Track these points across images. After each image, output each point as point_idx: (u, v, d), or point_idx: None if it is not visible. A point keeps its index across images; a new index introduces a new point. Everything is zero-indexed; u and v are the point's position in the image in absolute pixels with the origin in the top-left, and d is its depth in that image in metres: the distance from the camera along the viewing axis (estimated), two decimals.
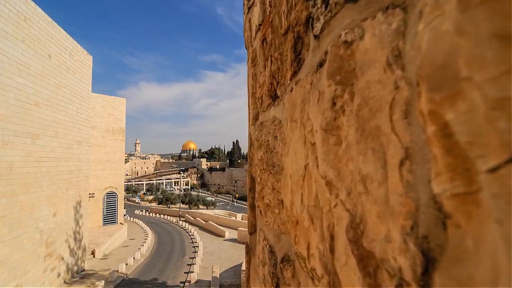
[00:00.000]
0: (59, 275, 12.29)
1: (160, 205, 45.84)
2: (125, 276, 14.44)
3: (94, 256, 16.85)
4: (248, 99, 1.12)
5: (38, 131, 10.93)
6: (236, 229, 23.58)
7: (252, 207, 1.03)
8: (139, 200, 54.50)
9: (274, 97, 0.70)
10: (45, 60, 11.47)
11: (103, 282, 12.38)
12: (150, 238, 22.48)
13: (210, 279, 13.31)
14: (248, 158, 1.07)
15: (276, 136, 0.65)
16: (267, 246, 0.71)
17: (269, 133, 0.69)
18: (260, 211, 0.88)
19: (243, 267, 13.28)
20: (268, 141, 0.69)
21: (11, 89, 9.56)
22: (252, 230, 1.03)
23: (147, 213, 38.61)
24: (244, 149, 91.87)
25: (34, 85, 10.73)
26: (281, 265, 0.57)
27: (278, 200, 0.64)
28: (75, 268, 13.84)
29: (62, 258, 12.62)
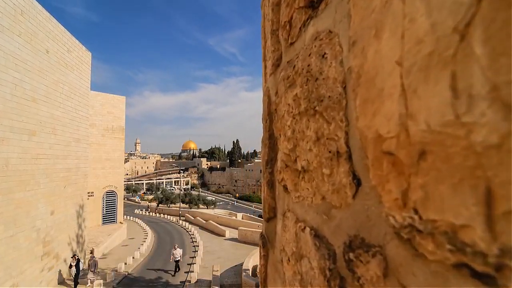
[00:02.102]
0: (57, 274, 12.07)
1: (160, 205, 45.63)
2: (126, 273, 14.20)
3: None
4: (264, 48, 0.88)
5: (35, 128, 10.70)
6: (236, 229, 23.34)
7: (270, 185, 0.79)
8: (139, 199, 54.27)
9: (316, 2, 0.46)
10: (43, 56, 11.24)
11: (101, 281, 12.15)
12: (150, 237, 22.26)
13: (211, 278, 13.08)
14: (264, 120, 0.83)
15: (325, 53, 0.41)
16: (306, 229, 0.47)
17: (309, 55, 0.46)
18: (286, 186, 0.64)
19: (244, 266, 13.04)
20: (309, 66, 0.45)
21: (7, 84, 9.33)
22: (271, 214, 0.79)
23: (147, 213, 38.40)
24: (244, 149, 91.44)
25: (31, 81, 10.50)
26: (349, 255, 0.33)
27: (329, 153, 0.41)
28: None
29: (60, 258, 12.39)
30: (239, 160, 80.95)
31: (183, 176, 76.11)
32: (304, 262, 0.46)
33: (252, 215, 35.31)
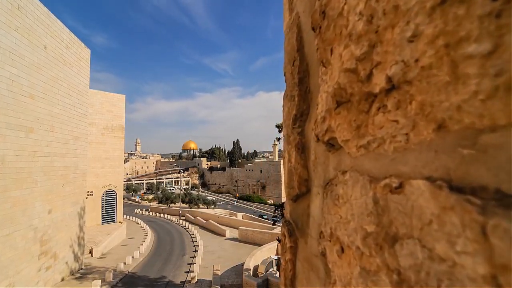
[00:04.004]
0: (54, 274, 11.85)
1: (160, 204, 45.42)
2: (127, 272, 13.99)
3: (92, 255, 16.43)
4: None
5: (33, 125, 10.50)
6: (237, 228, 23.14)
7: (301, 149, 0.57)
8: (139, 199, 54.07)
9: None
10: (40, 51, 11.03)
11: (100, 281, 11.93)
12: (150, 237, 22.06)
13: (211, 278, 12.86)
14: (289, 63, 0.62)
15: None
16: (413, 184, 0.25)
17: None
18: (333, 139, 0.43)
19: (245, 266, 12.82)
20: None
21: (4, 79, 9.13)
22: (302, 190, 0.57)
23: (148, 212, 38.20)
24: (245, 149, 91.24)
25: (29, 77, 10.30)
26: None
27: None
28: (72, 267, 13.40)
29: (58, 257, 12.18)
30: (239, 160, 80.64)
31: (183, 176, 75.92)
32: (408, 248, 0.24)
33: (252, 215, 35.13)
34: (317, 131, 0.47)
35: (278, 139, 7.90)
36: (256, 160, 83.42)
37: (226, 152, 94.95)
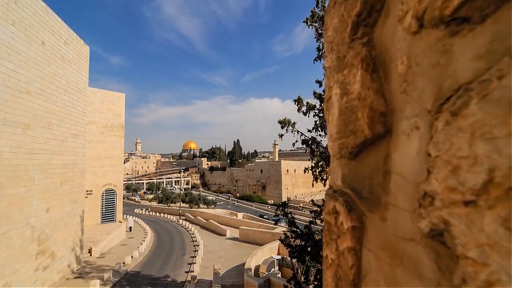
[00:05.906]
0: (52, 274, 11.63)
1: (160, 204, 45.21)
2: (126, 271, 13.76)
3: (91, 255, 16.22)
4: None
5: (30, 121, 10.29)
6: (237, 228, 22.92)
7: (371, 64, 0.34)
8: (139, 199, 53.86)
9: None
10: (38, 47, 10.83)
11: (99, 281, 11.71)
12: (150, 236, 21.83)
13: (211, 278, 12.63)
14: None
15: None
16: None
17: None
18: None
19: (246, 266, 12.58)
20: None
21: (0, 74, 8.91)
22: (377, 130, 0.35)
23: (148, 212, 37.97)
24: (245, 149, 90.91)
25: (26, 72, 10.09)
26: None
27: None
28: (70, 267, 13.19)
29: (56, 256, 11.96)
30: (240, 160, 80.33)
31: (183, 176, 75.68)
32: None
33: (253, 215, 34.90)
34: (423, 5, 0.25)
35: (281, 136, 7.66)
36: (256, 160, 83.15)
37: (227, 152, 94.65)
